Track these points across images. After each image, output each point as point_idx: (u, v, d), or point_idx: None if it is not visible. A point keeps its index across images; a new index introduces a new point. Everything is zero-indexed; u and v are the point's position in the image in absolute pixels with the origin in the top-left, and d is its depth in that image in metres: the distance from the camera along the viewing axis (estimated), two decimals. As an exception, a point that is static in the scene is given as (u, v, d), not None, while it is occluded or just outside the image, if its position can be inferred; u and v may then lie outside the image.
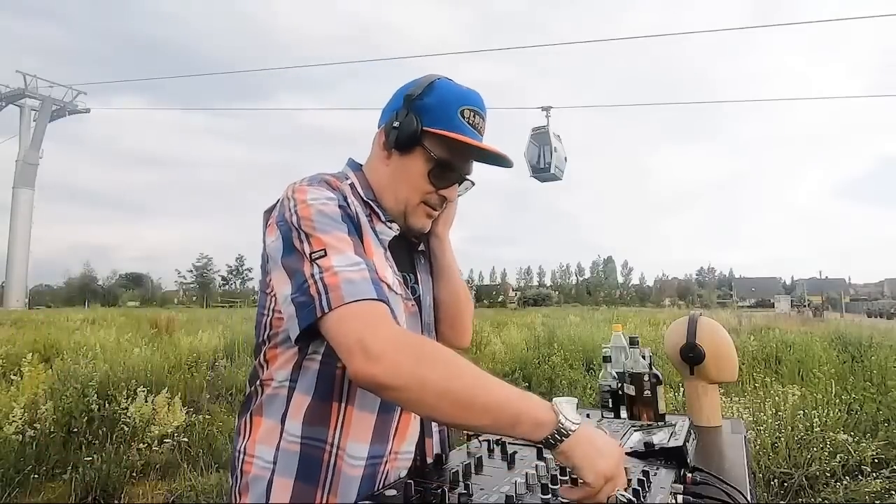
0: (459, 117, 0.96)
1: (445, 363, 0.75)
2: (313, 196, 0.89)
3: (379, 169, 1.03)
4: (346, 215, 0.89)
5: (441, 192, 1.00)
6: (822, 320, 18.62)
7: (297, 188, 0.91)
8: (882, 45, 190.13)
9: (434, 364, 0.74)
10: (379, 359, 0.73)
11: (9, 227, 45.01)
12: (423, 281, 1.08)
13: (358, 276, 0.81)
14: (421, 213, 1.01)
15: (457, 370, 0.75)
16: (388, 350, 0.73)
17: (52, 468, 3.89)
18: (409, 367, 0.73)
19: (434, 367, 0.74)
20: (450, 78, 1.03)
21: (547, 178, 11.94)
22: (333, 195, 0.91)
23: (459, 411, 0.74)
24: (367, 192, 1.01)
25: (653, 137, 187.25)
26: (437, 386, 0.73)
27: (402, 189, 0.99)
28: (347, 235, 0.86)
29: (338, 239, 0.85)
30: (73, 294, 60.92)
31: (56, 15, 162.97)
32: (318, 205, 0.88)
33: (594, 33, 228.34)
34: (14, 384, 4.85)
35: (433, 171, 0.98)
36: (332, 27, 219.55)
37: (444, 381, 0.73)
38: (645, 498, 0.79)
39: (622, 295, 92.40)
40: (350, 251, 0.84)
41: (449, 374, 0.74)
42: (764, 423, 3.85)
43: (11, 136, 46.31)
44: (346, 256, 0.83)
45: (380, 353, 0.73)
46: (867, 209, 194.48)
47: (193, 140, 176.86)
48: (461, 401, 0.73)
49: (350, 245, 0.85)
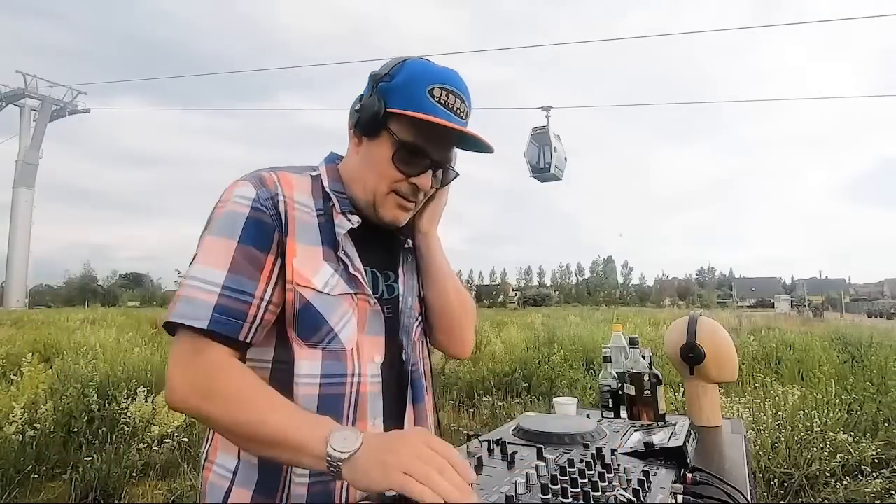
0: (428, 97, 0.87)
1: (230, 400, 0.76)
2: (236, 194, 0.86)
3: (350, 158, 0.98)
4: (256, 220, 0.85)
5: (412, 181, 0.92)
6: (822, 320, 18.61)
7: (232, 183, 0.89)
8: (883, 44, 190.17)
9: (219, 402, 0.77)
10: (173, 393, 0.79)
11: (9, 227, 45.02)
12: (405, 280, 1.02)
13: (201, 297, 0.79)
14: (391, 204, 0.94)
15: (240, 407, 0.76)
16: (179, 388, 0.78)
17: (52, 468, 3.89)
18: (195, 404, 0.78)
19: (218, 405, 0.77)
20: (429, 60, 0.94)
21: (547, 178, 11.96)
22: (254, 195, 0.86)
23: (245, 444, 0.79)
24: (334, 184, 0.96)
25: (653, 137, 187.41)
26: (220, 422, 0.78)
27: (370, 177, 0.93)
28: (237, 244, 0.83)
29: (218, 247, 0.83)
30: (73, 294, 60.92)
31: (56, 15, 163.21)
32: (231, 205, 0.85)
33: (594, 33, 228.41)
34: (14, 384, 4.85)
35: (398, 156, 0.90)
36: (332, 27, 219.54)
37: (225, 418, 0.76)
38: (645, 498, 0.79)
39: (622, 295, 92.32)
40: (219, 265, 0.81)
41: (231, 410, 0.76)
42: (764, 423, 3.85)
43: (11, 136, 46.38)
44: (208, 271, 0.81)
45: (174, 389, 0.79)
46: (867, 209, 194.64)
47: (193, 140, 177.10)
48: (245, 435, 0.77)
49: (227, 257, 0.82)
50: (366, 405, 0.89)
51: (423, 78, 0.89)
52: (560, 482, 0.79)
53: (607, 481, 0.82)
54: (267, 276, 0.85)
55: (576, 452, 1.01)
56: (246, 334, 0.83)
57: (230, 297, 0.81)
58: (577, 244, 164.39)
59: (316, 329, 0.87)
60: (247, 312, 0.82)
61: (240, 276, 0.82)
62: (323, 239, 0.91)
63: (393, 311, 0.99)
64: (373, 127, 0.91)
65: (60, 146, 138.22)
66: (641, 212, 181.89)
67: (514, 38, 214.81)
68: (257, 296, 0.83)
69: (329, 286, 0.88)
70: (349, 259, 0.91)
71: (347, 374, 0.88)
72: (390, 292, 1.00)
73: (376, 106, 0.89)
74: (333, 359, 0.87)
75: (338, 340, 0.88)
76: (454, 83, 0.91)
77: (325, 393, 0.86)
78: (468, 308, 1.11)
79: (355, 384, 0.89)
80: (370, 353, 0.92)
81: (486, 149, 0.95)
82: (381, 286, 0.98)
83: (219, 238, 0.84)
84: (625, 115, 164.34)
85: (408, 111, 0.87)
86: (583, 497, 0.76)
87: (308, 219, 0.91)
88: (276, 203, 0.87)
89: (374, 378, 0.91)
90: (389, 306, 0.99)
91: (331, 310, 0.88)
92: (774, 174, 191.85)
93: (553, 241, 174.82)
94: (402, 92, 0.88)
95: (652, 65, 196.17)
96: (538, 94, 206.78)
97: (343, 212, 0.93)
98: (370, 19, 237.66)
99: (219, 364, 0.80)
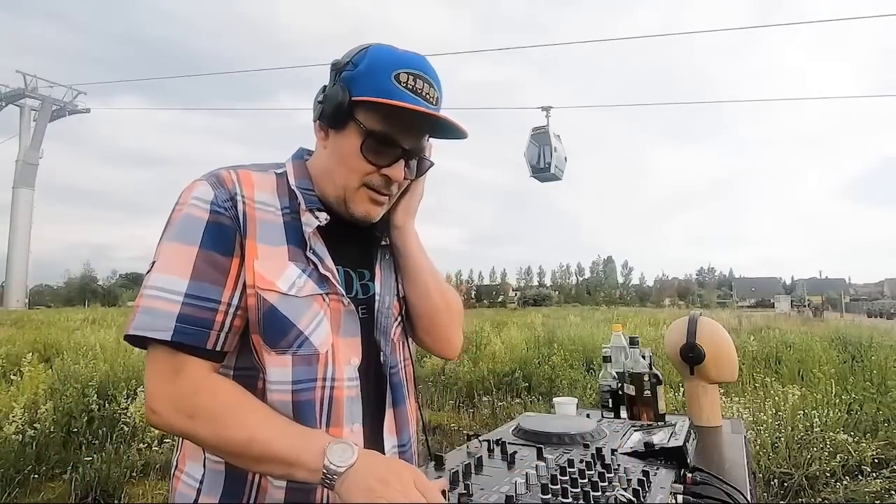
0: (394, 82, 0.83)
1: (216, 419, 0.75)
2: (193, 196, 0.83)
3: (319, 153, 0.93)
4: (216, 224, 0.82)
5: (384, 172, 0.87)
6: (822, 320, 18.58)
7: (189, 184, 0.86)
8: (883, 44, 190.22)
9: (205, 420, 0.76)
10: (155, 413, 0.78)
11: (9, 227, 45.07)
12: (382, 279, 0.97)
13: (162, 307, 0.77)
14: (363, 198, 0.89)
15: (226, 424, 0.75)
16: (162, 409, 0.77)
17: (52, 468, 3.89)
18: (180, 424, 0.77)
19: (205, 424, 0.76)
20: (393, 45, 0.89)
21: (547, 178, 11.96)
22: (212, 196, 0.83)
23: (235, 460, 0.78)
24: (301, 181, 0.91)
25: (653, 137, 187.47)
26: (208, 440, 0.77)
27: (339, 172, 0.88)
28: (198, 249, 0.80)
29: (178, 253, 0.80)
30: (73, 294, 60.94)
31: (56, 15, 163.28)
32: (189, 208, 0.82)
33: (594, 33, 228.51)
34: (14, 384, 4.86)
35: (366, 146, 0.85)
36: (333, 27, 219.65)
37: (213, 437, 0.76)
38: (645, 498, 0.79)
39: (622, 295, 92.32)
40: (180, 273, 0.79)
41: (219, 429, 0.75)
42: (764, 423, 3.85)
43: (11, 136, 46.43)
44: (169, 279, 0.78)
45: (156, 410, 0.78)
46: (867, 209, 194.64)
47: (193, 140, 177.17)
48: (234, 452, 0.76)
49: (188, 264, 0.79)
50: (341, 411, 0.85)
51: (388, 63, 0.84)
52: (560, 482, 0.79)
53: (607, 481, 0.82)
54: (233, 281, 0.82)
55: (576, 452, 1.01)
56: (214, 342, 0.80)
57: (194, 306, 0.78)
58: (577, 244, 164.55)
59: (283, 333, 0.82)
60: (213, 320, 0.79)
61: (203, 283, 0.79)
62: (289, 238, 0.87)
63: (368, 311, 0.94)
64: (338, 118, 0.86)
65: (60, 146, 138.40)
66: (641, 212, 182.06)
67: (514, 38, 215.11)
68: (224, 301, 0.80)
69: (296, 287, 0.84)
70: (319, 258, 0.87)
71: (318, 378, 0.84)
72: (365, 291, 0.95)
73: (340, 95, 0.84)
74: (305, 363, 0.83)
75: (309, 344, 0.84)
76: (421, 67, 0.86)
77: (298, 399, 0.82)
78: (452, 307, 1.05)
79: (328, 388, 0.85)
80: (346, 355, 0.87)
81: (460, 134, 0.91)
82: (356, 285, 0.94)
83: (178, 244, 0.81)
84: (625, 115, 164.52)
85: (373, 98, 0.83)
86: (583, 497, 0.76)
87: (272, 218, 0.87)
88: (235, 204, 0.84)
89: (350, 382, 0.87)
90: (364, 306, 0.94)
91: (298, 312, 0.83)
92: (774, 174, 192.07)
93: (553, 241, 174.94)
94: (366, 79, 0.84)
95: (652, 65, 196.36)
96: (538, 94, 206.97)
97: (310, 209, 0.88)
98: (370, 19, 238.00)
99: (201, 381, 0.78)
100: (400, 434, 0.95)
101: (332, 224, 0.90)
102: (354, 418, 0.86)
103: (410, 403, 1.01)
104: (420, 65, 0.86)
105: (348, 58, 0.87)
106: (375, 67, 0.84)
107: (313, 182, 0.92)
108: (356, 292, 0.93)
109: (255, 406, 0.78)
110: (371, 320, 0.94)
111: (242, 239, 0.83)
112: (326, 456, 0.71)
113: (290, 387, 0.82)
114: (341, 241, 0.92)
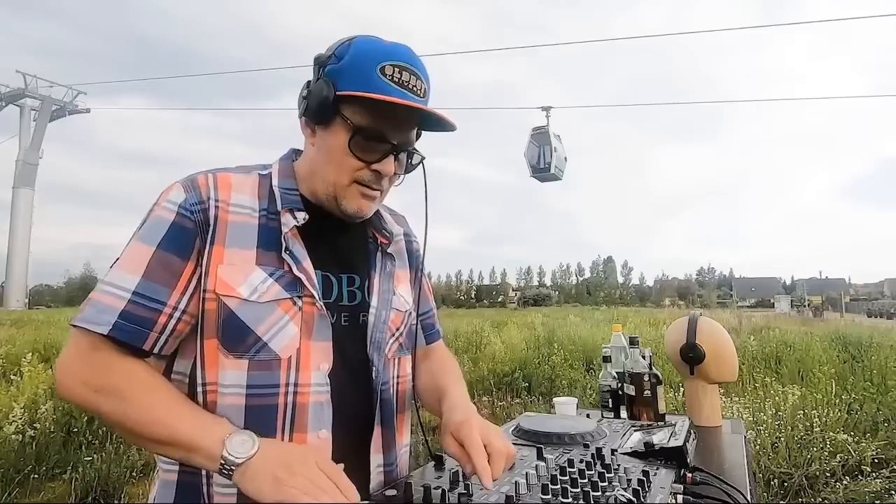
0: (379, 75, 0.81)
1: (121, 396, 0.76)
2: (166, 198, 0.84)
3: (307, 152, 0.91)
4: (178, 226, 0.81)
5: (374, 168, 0.86)
6: (822, 320, 18.59)
7: (167, 187, 0.86)
8: (884, 44, 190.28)
9: (110, 396, 0.76)
10: (61, 386, 0.79)
11: (9, 227, 44.98)
12: (380, 290, 0.94)
13: (109, 302, 0.78)
14: (354, 194, 0.87)
15: (130, 402, 0.75)
16: (68, 382, 0.78)
17: (52, 468, 3.89)
18: (84, 396, 0.77)
19: (110, 400, 0.76)
20: (378, 37, 0.87)
21: (547, 178, 11.95)
22: (181, 199, 0.83)
23: (135, 440, 0.78)
24: (284, 181, 0.90)
25: (653, 137, 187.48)
26: (109, 418, 0.77)
27: (328, 169, 0.86)
28: (155, 249, 0.80)
29: (137, 252, 0.81)
30: (73, 294, 60.85)
31: (56, 15, 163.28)
32: (159, 210, 0.83)
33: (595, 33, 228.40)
34: (14, 384, 4.85)
35: (354, 142, 0.83)
36: (334, 27, 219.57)
37: (115, 415, 0.76)
38: (645, 498, 0.79)
39: (622, 295, 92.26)
40: (133, 271, 0.79)
41: (121, 408, 0.75)
42: (764, 423, 3.85)
43: (11, 136, 46.28)
44: (121, 276, 0.79)
45: (61, 382, 0.79)
46: (867, 209, 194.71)
47: (194, 140, 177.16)
48: (133, 432, 0.76)
49: (142, 263, 0.80)
50: (306, 416, 0.83)
51: (373, 56, 0.82)
52: (560, 482, 0.79)
53: (607, 481, 0.82)
54: (183, 285, 0.81)
55: (576, 452, 1.01)
56: (152, 344, 0.79)
57: (139, 305, 0.78)
58: (577, 244, 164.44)
59: (241, 339, 0.81)
60: (155, 321, 0.79)
61: (153, 283, 0.79)
62: (260, 241, 0.85)
63: (352, 318, 0.91)
64: (324, 114, 0.84)
65: (60, 146, 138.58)
66: (641, 212, 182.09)
67: (514, 39, 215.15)
68: (170, 304, 0.80)
69: (257, 293, 0.82)
70: (295, 259, 0.85)
71: (281, 384, 0.82)
72: (352, 298, 0.92)
73: (325, 90, 0.82)
74: (264, 368, 0.81)
75: (268, 349, 0.82)
76: (407, 59, 0.84)
77: (254, 404, 0.81)
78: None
79: (291, 394, 0.82)
80: (316, 360, 0.85)
81: (449, 127, 0.89)
82: (337, 290, 0.90)
83: (140, 243, 0.81)
84: (625, 115, 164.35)
85: (359, 93, 0.81)
86: (583, 497, 0.76)
87: (246, 220, 0.85)
88: (205, 208, 0.83)
89: (319, 387, 0.84)
90: (347, 313, 0.91)
91: (257, 319, 0.81)
92: (774, 174, 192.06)
93: (553, 241, 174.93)
94: (350, 73, 0.82)
95: (652, 65, 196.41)
96: (538, 94, 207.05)
97: (289, 209, 0.86)
98: (372, 19, 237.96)
99: (116, 361, 0.78)
100: (387, 452, 0.93)
101: (321, 226, 0.89)
102: (322, 424, 0.84)
103: (402, 421, 0.99)
104: (406, 56, 0.84)
105: (332, 51, 0.85)
106: (360, 60, 0.82)
107: (300, 181, 0.91)
108: (337, 297, 0.90)
109: (164, 389, 0.79)
110: (356, 329, 0.91)
111: (205, 244, 0.82)
112: (226, 446, 0.71)
113: (245, 391, 0.81)
114: (327, 244, 0.90)
